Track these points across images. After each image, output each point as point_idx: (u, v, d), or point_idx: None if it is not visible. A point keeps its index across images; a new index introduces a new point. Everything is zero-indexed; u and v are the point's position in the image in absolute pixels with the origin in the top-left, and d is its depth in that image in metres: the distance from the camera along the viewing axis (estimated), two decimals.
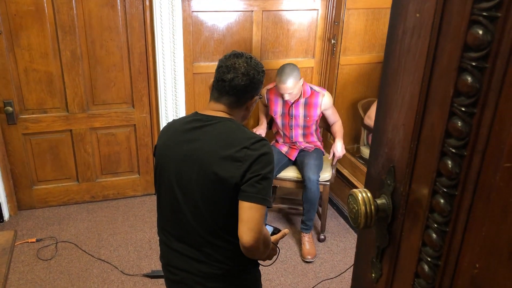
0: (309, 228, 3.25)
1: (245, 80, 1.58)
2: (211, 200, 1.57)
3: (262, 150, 1.53)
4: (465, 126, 0.63)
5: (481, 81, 0.60)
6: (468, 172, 0.64)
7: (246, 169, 1.50)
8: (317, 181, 3.11)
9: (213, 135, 1.57)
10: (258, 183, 1.50)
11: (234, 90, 1.59)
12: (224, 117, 1.62)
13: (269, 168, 1.53)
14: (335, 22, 3.60)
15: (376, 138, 0.86)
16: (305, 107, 3.17)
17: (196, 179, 1.56)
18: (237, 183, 1.51)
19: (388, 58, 0.80)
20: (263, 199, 1.51)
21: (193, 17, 3.37)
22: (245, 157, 1.51)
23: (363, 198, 0.81)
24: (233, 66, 1.58)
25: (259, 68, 1.63)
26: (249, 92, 1.63)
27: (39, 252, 3.11)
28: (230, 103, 1.62)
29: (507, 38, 0.56)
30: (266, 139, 1.59)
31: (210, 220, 1.59)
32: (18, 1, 3.04)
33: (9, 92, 3.22)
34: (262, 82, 1.67)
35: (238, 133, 1.57)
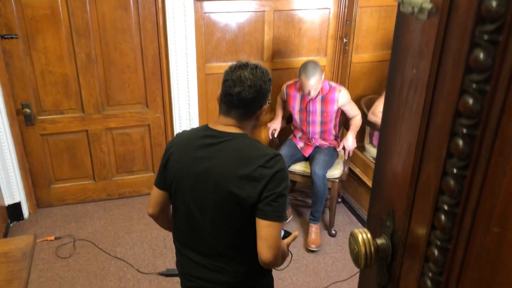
0: (316, 219, 3.35)
1: (252, 92, 1.58)
2: (228, 217, 1.61)
3: (277, 167, 1.56)
4: (457, 186, 0.65)
5: (471, 146, 0.62)
6: (460, 229, 0.67)
7: (263, 188, 1.54)
8: (323, 176, 3.17)
9: (228, 154, 1.59)
10: (275, 201, 1.54)
11: (242, 103, 1.60)
12: (237, 133, 1.64)
13: (284, 185, 1.57)
14: (347, 21, 3.58)
15: (377, 179, 0.89)
16: (322, 103, 3.21)
17: (212, 196, 1.60)
18: (254, 202, 1.55)
19: (388, 106, 0.82)
20: (280, 217, 1.56)
21: (205, 18, 3.39)
22: (261, 176, 1.54)
23: (363, 239, 0.84)
24: (239, 79, 1.58)
25: (266, 78, 1.63)
26: (257, 103, 1.64)
27: (58, 250, 3.20)
28: (239, 116, 1.64)
29: (496, 108, 0.58)
30: (280, 155, 1.62)
31: (226, 235, 1.65)
32: (34, 6, 3.09)
33: (26, 95, 3.29)
34: (270, 91, 1.67)
35: (252, 150, 1.60)
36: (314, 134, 3.35)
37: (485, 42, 0.57)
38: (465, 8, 0.60)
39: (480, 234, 0.64)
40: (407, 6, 0.72)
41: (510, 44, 0.55)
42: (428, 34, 0.69)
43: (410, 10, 0.71)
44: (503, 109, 0.57)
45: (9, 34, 3.10)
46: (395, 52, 0.79)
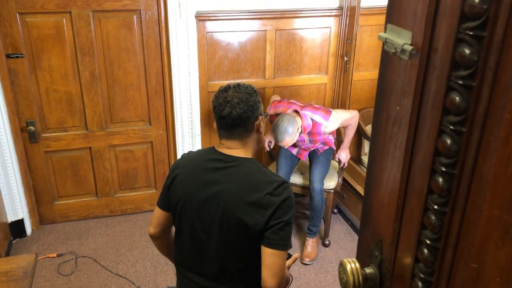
0: (313, 233, 3.38)
1: (242, 107, 1.60)
2: (233, 242, 1.62)
3: (285, 195, 1.57)
4: (438, 221, 0.68)
5: (450, 184, 0.65)
6: (442, 263, 0.69)
7: (270, 215, 1.55)
8: (320, 190, 3.23)
9: (237, 179, 1.61)
10: (281, 230, 1.55)
11: (237, 121, 1.62)
12: (244, 158, 1.65)
13: (291, 213, 1.59)
14: (348, 40, 3.62)
15: (365, 209, 0.91)
16: (309, 135, 3.13)
17: (219, 222, 1.60)
18: (260, 229, 1.56)
19: (374, 140, 0.84)
20: (285, 245, 1.58)
21: (207, 38, 3.44)
22: (269, 203, 1.55)
23: (351, 268, 0.86)
24: (225, 101, 1.61)
25: (250, 90, 1.66)
26: (252, 116, 1.65)
27: (59, 267, 3.22)
28: (240, 135, 1.65)
29: (472, 149, 0.61)
30: (287, 182, 1.63)
31: (231, 259, 1.66)
32: (40, 26, 3.15)
33: (31, 112, 3.34)
34: (259, 101, 1.68)
35: (260, 176, 1.61)
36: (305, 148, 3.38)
37: (460, 86, 0.60)
38: (442, 52, 0.63)
39: (461, 269, 0.66)
40: (390, 46, 0.75)
41: (483, 89, 0.58)
42: (410, 74, 0.71)
43: (393, 50, 0.74)
44: (479, 150, 0.60)
45: (15, 53, 3.16)
46: (380, 88, 0.82)
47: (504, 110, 0.55)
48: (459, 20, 0.59)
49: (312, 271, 3.25)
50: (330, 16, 3.62)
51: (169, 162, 3.77)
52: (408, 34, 0.71)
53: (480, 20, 0.56)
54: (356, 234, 3.65)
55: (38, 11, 3.10)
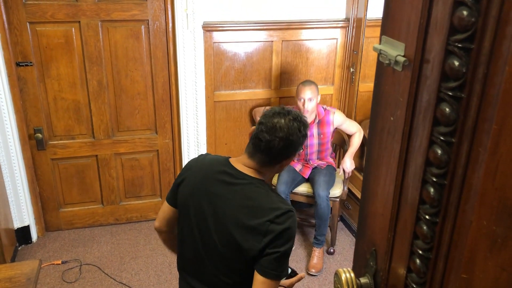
0: (320, 243, 3.38)
1: (283, 144, 1.54)
2: (229, 259, 1.61)
3: (286, 225, 1.51)
4: (429, 231, 0.68)
5: (441, 194, 0.65)
6: (433, 273, 0.69)
7: (267, 244, 1.50)
8: (326, 197, 3.24)
9: (241, 199, 1.56)
10: (276, 260, 1.51)
11: (268, 151, 1.56)
12: (255, 178, 1.60)
13: (290, 244, 1.53)
14: (354, 51, 3.64)
15: (361, 219, 0.91)
16: (319, 126, 3.31)
17: (217, 237, 1.59)
18: (255, 255, 1.53)
19: (370, 149, 0.85)
20: (278, 275, 1.53)
21: (214, 48, 3.47)
22: (268, 231, 1.50)
23: (346, 278, 0.86)
24: (273, 127, 1.54)
25: (301, 133, 1.58)
26: (285, 154, 1.60)
27: (64, 275, 3.23)
28: (262, 162, 1.59)
29: (461, 160, 0.61)
30: (292, 210, 1.55)
31: (227, 273, 1.65)
32: (49, 35, 3.20)
33: (39, 120, 3.38)
34: (301, 144, 1.61)
35: (264, 201, 1.55)
36: (312, 155, 3.41)
37: (450, 98, 0.61)
38: (433, 64, 0.64)
39: (452, 280, 0.66)
40: (384, 57, 0.76)
41: (472, 101, 0.58)
42: (403, 85, 0.72)
43: (387, 61, 0.75)
44: (468, 161, 0.60)
45: (24, 61, 3.21)
46: (375, 98, 0.82)
47: (492, 121, 0.56)
48: (448, 32, 0.59)
49: (316, 282, 3.24)
50: (336, 28, 3.64)
51: (174, 171, 3.78)
52: (402, 46, 0.72)
53: (468, 32, 0.57)
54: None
55: (48, 21, 3.15)
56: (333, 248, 3.53)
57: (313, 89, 3.20)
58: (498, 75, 0.54)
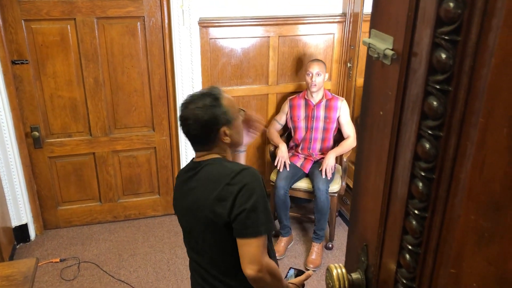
0: (320, 237, 3.39)
1: (196, 127, 1.60)
2: (215, 243, 1.63)
3: (243, 182, 1.53)
4: (418, 226, 0.67)
5: (429, 189, 0.64)
6: (423, 269, 0.68)
7: (231, 205, 1.53)
8: (326, 191, 3.25)
9: (203, 181, 1.63)
10: (247, 218, 1.51)
11: (195, 138, 1.65)
12: (210, 159, 1.65)
13: (254, 198, 1.52)
14: (351, 46, 3.63)
15: (353, 214, 0.91)
16: (326, 109, 3.39)
17: (199, 226, 1.64)
18: (226, 222, 1.55)
19: (360, 144, 0.84)
20: (255, 232, 1.52)
21: (211, 44, 3.46)
22: (228, 194, 1.53)
23: (337, 274, 0.86)
24: (183, 119, 1.62)
25: (207, 105, 1.60)
26: (209, 132, 1.62)
27: (62, 272, 3.23)
28: (202, 147, 1.66)
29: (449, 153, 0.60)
30: (248, 167, 1.59)
31: (220, 262, 1.66)
32: (44, 32, 3.19)
33: (35, 118, 3.37)
34: (220, 112, 1.61)
35: (220, 171, 1.60)
36: (315, 142, 3.43)
37: (437, 91, 0.60)
38: (420, 57, 0.63)
39: (441, 275, 0.66)
40: (373, 51, 0.75)
41: (459, 94, 0.57)
42: (392, 79, 0.71)
43: (376, 55, 0.74)
44: (456, 155, 0.60)
45: (20, 59, 3.20)
46: (365, 93, 0.82)
47: (479, 114, 0.55)
48: (435, 24, 0.59)
49: (315, 277, 3.24)
50: (333, 23, 3.63)
51: (172, 168, 3.78)
52: (390, 39, 0.71)
53: (455, 24, 0.56)
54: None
55: (43, 18, 3.14)
56: (332, 243, 3.53)
57: (321, 65, 3.35)
58: (484, 67, 0.54)
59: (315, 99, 3.40)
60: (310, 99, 3.41)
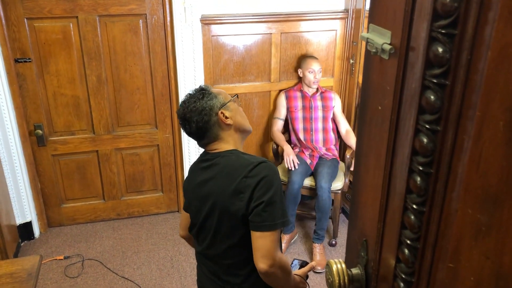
0: (320, 238, 3.37)
1: (195, 119, 1.63)
2: (229, 236, 1.64)
3: (261, 175, 1.54)
4: (417, 221, 0.67)
5: (427, 183, 0.64)
6: (422, 263, 0.68)
7: (249, 198, 1.54)
8: (328, 189, 3.24)
9: (219, 173, 1.63)
10: (264, 211, 1.52)
11: (199, 132, 1.66)
12: (225, 151, 1.68)
13: (272, 192, 1.53)
14: (354, 43, 3.62)
15: (352, 209, 0.91)
16: (322, 99, 3.50)
17: (214, 218, 1.64)
18: (244, 214, 1.56)
19: (359, 140, 0.84)
20: (272, 225, 1.53)
21: (213, 41, 3.45)
22: (246, 187, 1.54)
23: (337, 269, 0.86)
24: (182, 119, 1.67)
25: (196, 97, 1.66)
26: (208, 121, 1.64)
27: (66, 270, 3.25)
28: (210, 138, 1.68)
29: (447, 148, 0.60)
30: (265, 161, 1.59)
31: (231, 254, 1.67)
32: (47, 30, 3.20)
33: (39, 116, 3.39)
34: (211, 98, 1.67)
35: (237, 163, 1.61)
36: (317, 134, 3.47)
37: (434, 85, 0.60)
38: (417, 52, 0.63)
39: (439, 269, 0.65)
40: (371, 46, 0.75)
41: (456, 88, 0.57)
42: (390, 73, 0.71)
43: (374, 49, 0.74)
44: (453, 149, 0.59)
45: (23, 58, 3.21)
46: (364, 88, 0.82)
47: (475, 108, 0.55)
48: (432, 18, 0.58)
49: (318, 275, 3.24)
50: (335, 19, 3.62)
51: (175, 165, 3.79)
52: (388, 34, 0.71)
53: (451, 18, 0.56)
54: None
55: (46, 16, 3.15)
56: (335, 240, 3.53)
57: (319, 62, 3.50)
58: (481, 61, 0.53)
59: (311, 91, 3.52)
60: (306, 91, 3.51)
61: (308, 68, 3.42)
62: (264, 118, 3.77)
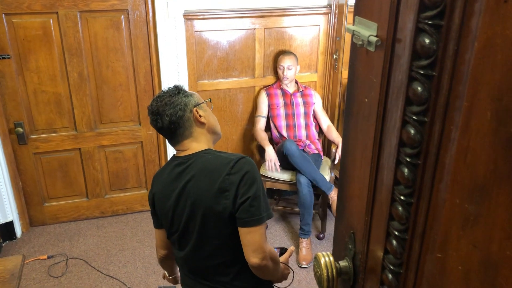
0: (306, 233, 3.36)
1: (169, 112, 1.62)
2: (216, 237, 1.62)
3: (243, 170, 1.55)
4: (405, 212, 0.67)
5: (415, 174, 0.65)
6: (410, 254, 0.69)
7: (234, 195, 1.54)
8: (307, 183, 3.22)
9: (197, 174, 1.60)
10: (251, 206, 1.53)
11: (171, 126, 1.63)
12: (200, 152, 1.66)
13: (256, 186, 1.55)
14: (337, 37, 3.63)
15: (340, 202, 0.91)
16: (302, 96, 3.55)
17: (198, 220, 1.61)
18: (231, 212, 1.55)
19: (346, 132, 0.84)
20: (259, 219, 1.54)
21: (196, 37, 3.43)
22: (230, 184, 1.54)
23: (325, 262, 0.86)
24: (153, 113, 1.66)
25: (172, 92, 1.67)
26: (183, 114, 1.64)
27: (50, 269, 3.20)
28: (183, 135, 1.66)
29: (434, 139, 0.61)
30: (244, 157, 1.60)
31: (220, 254, 1.65)
32: (26, 26, 3.14)
33: (19, 114, 3.32)
34: (187, 95, 1.68)
35: (216, 161, 1.60)
36: (300, 129, 3.51)
37: (421, 76, 0.60)
38: (404, 43, 0.63)
39: (428, 260, 0.66)
40: (357, 38, 0.75)
41: (444, 78, 0.58)
42: (376, 66, 0.71)
43: (360, 42, 0.74)
44: (441, 140, 0.60)
45: (1, 54, 3.14)
46: (351, 80, 0.82)
47: (462, 98, 0.55)
48: (419, 9, 0.58)
49: (304, 269, 3.25)
50: (318, 14, 3.62)
51: (159, 162, 3.76)
52: (374, 26, 0.71)
53: (438, 9, 0.56)
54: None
55: (25, 12, 3.09)
56: (323, 234, 3.54)
57: (292, 58, 3.48)
58: (467, 51, 0.54)
59: (291, 89, 3.56)
60: (286, 88, 3.55)
61: (279, 64, 3.49)
62: (248, 113, 3.77)
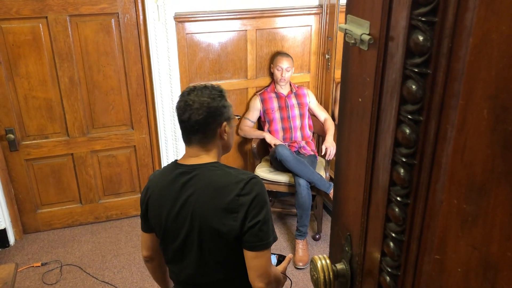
0: (303, 234, 3.35)
1: (202, 112, 1.51)
2: (214, 254, 1.56)
3: (254, 192, 1.48)
4: (401, 213, 0.66)
5: (411, 175, 0.63)
6: (407, 256, 0.67)
7: (243, 218, 1.47)
8: (307, 185, 3.21)
9: (203, 188, 1.52)
10: (260, 231, 1.47)
11: (195, 126, 1.53)
12: (207, 163, 1.57)
13: (266, 209, 1.50)
14: (329, 38, 3.62)
15: (335, 204, 0.89)
16: (297, 97, 3.55)
17: (197, 235, 1.54)
18: (237, 235, 1.49)
19: (340, 133, 0.83)
20: (267, 243, 1.50)
21: (187, 39, 3.41)
22: (239, 206, 1.47)
23: (321, 265, 0.85)
24: (186, 104, 1.53)
25: (215, 94, 1.55)
26: (213, 122, 1.55)
27: (44, 277, 3.17)
28: (200, 141, 1.57)
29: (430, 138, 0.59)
30: (255, 177, 1.53)
31: (215, 272, 1.60)
32: (15, 32, 3.11)
33: (10, 120, 3.29)
34: (225, 106, 1.57)
35: (226, 179, 1.51)
36: (296, 130, 3.51)
37: (416, 74, 0.59)
38: (397, 41, 0.62)
39: (425, 261, 0.65)
40: (350, 37, 0.73)
41: (438, 76, 0.56)
42: (370, 64, 0.70)
43: (353, 41, 0.72)
44: (437, 139, 0.58)
45: None
46: (344, 80, 0.80)
47: (458, 96, 0.54)
48: (411, 6, 0.57)
49: (301, 271, 3.24)
50: (310, 14, 3.62)
51: (153, 166, 3.73)
52: (367, 24, 0.70)
53: (431, 5, 0.55)
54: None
55: (13, 17, 3.06)
56: (319, 234, 3.53)
57: (289, 60, 3.49)
58: (462, 48, 0.52)
59: (285, 91, 3.55)
60: (280, 91, 3.54)
61: (277, 65, 3.47)
62: (242, 115, 3.75)
